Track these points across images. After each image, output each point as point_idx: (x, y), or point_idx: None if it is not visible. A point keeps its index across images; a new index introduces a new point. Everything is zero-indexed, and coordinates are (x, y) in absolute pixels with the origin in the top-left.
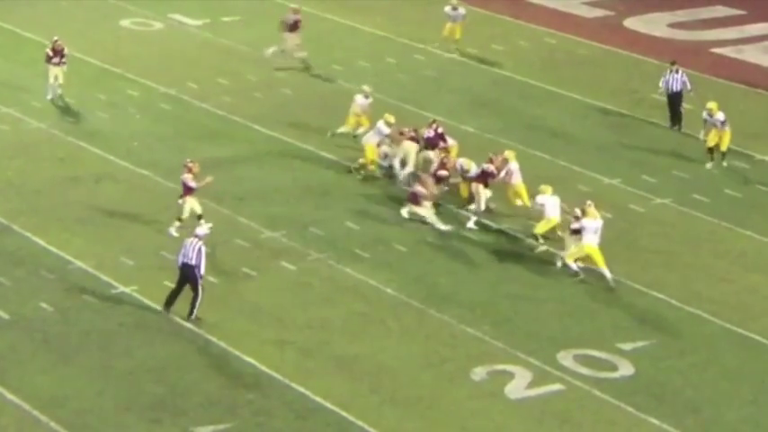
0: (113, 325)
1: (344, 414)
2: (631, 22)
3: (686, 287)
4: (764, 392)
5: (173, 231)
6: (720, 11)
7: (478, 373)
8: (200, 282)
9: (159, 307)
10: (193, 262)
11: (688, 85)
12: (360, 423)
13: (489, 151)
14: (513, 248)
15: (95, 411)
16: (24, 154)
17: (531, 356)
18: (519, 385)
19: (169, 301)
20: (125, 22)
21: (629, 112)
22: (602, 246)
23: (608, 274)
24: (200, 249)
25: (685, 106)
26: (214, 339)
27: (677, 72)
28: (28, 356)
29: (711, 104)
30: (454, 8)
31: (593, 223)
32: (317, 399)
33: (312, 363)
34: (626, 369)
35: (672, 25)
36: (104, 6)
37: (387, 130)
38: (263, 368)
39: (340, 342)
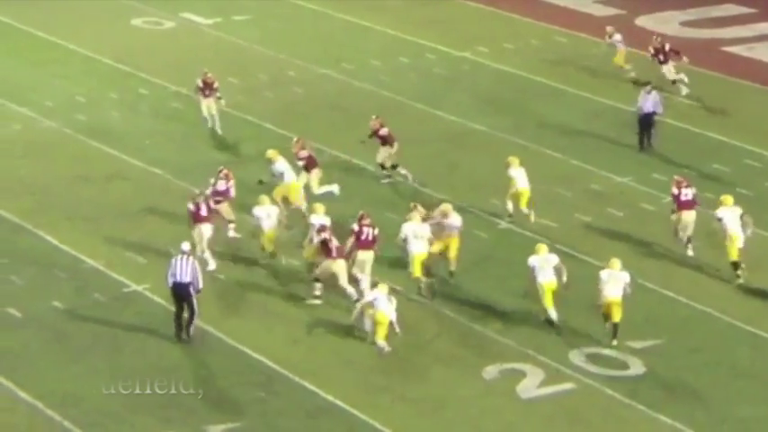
0: (125, 323)
1: (355, 412)
2: (643, 21)
3: (697, 285)
4: None
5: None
6: (732, 9)
7: (490, 371)
8: (194, 298)
9: (171, 306)
10: (188, 279)
11: (660, 107)
12: (370, 422)
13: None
14: (524, 246)
15: (106, 410)
16: (36, 153)
17: (543, 355)
18: (530, 384)
19: (179, 327)
20: (137, 21)
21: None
22: (614, 244)
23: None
24: (194, 265)
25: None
26: (225, 338)
27: (649, 93)
28: (40, 355)
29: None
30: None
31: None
32: (328, 397)
33: (322, 361)
34: (637, 367)
35: (683, 23)
36: (116, 5)
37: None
38: (274, 366)
39: (350, 340)
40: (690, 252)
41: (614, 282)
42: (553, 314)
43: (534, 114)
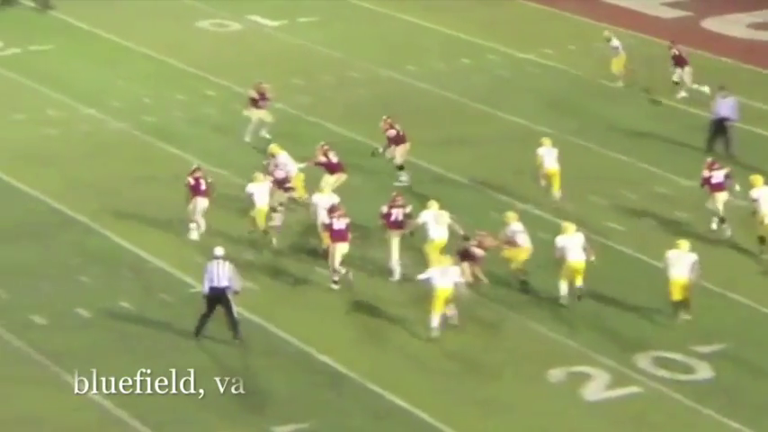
0: (191, 323)
1: (422, 414)
2: (709, 23)
3: (763, 288)
4: None
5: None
6: None
7: (555, 374)
8: (232, 301)
9: (238, 306)
10: (225, 283)
11: (735, 113)
12: (437, 424)
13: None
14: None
15: (174, 409)
16: (104, 154)
17: (609, 358)
18: (596, 387)
19: (202, 325)
20: (203, 23)
21: (707, 113)
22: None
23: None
24: (230, 269)
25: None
26: (291, 339)
27: (725, 98)
28: (108, 354)
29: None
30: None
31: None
32: (394, 399)
33: (388, 362)
34: (704, 372)
35: (750, 26)
36: (183, 7)
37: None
38: (340, 368)
39: (416, 342)
40: (727, 234)
41: (681, 263)
42: (581, 289)
43: (599, 116)
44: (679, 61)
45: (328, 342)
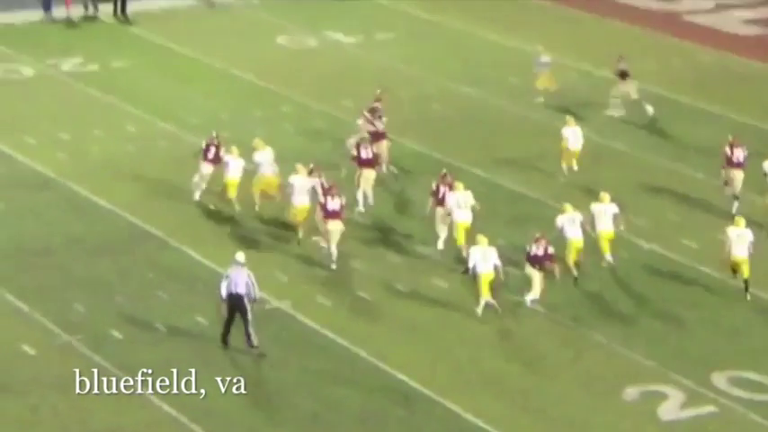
0: (267, 339)
1: None
2: None
3: None
4: None
5: None
6: None
7: (630, 393)
8: (249, 310)
9: (313, 322)
10: (243, 290)
11: None
12: None
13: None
14: (666, 267)
15: (247, 424)
16: (182, 169)
17: (685, 377)
18: (672, 406)
19: (228, 332)
20: (281, 39)
21: None
22: (756, 265)
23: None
24: (249, 276)
25: None
26: (365, 355)
27: None
28: (183, 369)
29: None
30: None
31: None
32: (468, 416)
33: (463, 379)
34: None
35: None
36: (261, 23)
37: None
38: (414, 384)
39: (491, 359)
40: (734, 209)
41: (741, 240)
42: (575, 271)
43: (675, 134)
44: (623, 76)
45: (402, 358)
